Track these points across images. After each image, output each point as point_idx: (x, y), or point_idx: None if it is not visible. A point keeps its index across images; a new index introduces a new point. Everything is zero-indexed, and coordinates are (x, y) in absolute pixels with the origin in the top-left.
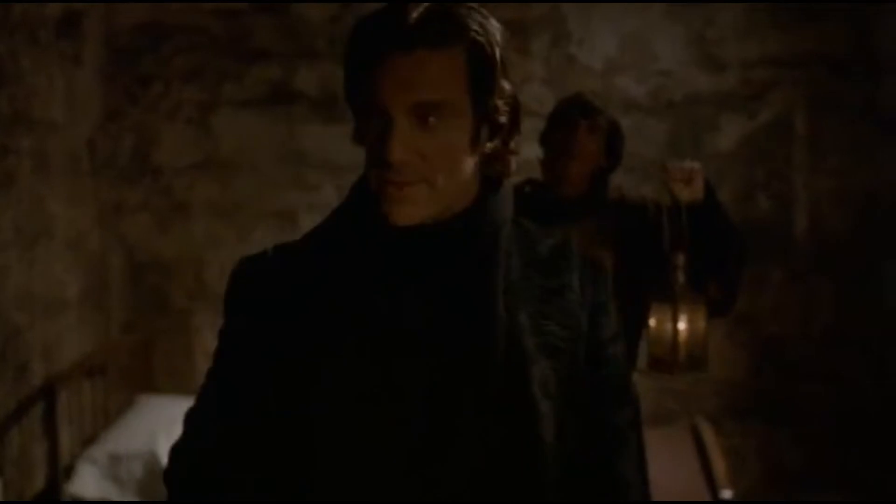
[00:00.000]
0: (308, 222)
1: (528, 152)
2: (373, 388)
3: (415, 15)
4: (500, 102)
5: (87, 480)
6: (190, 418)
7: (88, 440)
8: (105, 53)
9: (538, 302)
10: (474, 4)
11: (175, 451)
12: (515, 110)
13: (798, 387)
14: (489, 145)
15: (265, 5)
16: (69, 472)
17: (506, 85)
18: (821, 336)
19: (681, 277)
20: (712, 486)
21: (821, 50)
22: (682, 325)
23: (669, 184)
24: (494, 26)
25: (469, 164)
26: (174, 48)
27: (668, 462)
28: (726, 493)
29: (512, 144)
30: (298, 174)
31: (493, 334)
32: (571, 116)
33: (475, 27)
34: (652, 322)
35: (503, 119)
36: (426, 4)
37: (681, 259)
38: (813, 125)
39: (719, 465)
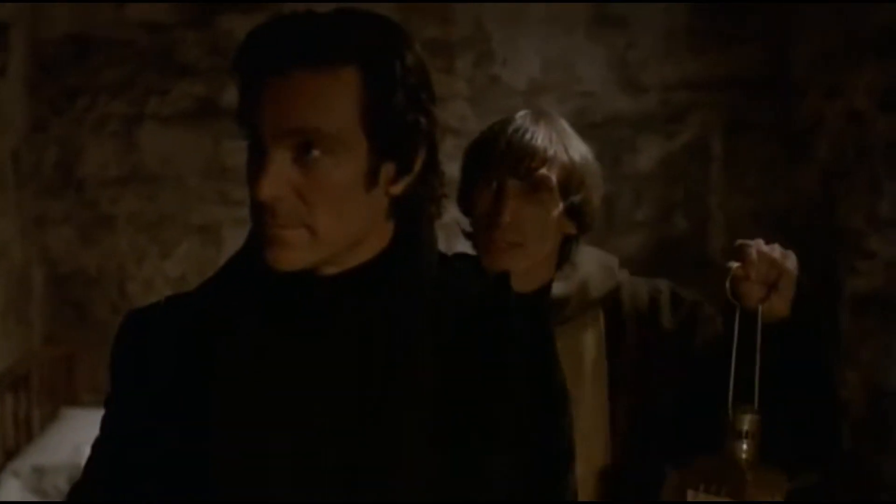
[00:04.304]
0: (232, 237)
1: (450, 171)
2: (277, 461)
3: (295, 29)
4: (405, 133)
5: (10, 493)
6: (75, 495)
7: (11, 453)
8: (31, 65)
9: (469, 368)
10: (378, 14)
11: None
12: (433, 143)
13: None
14: (398, 186)
15: (192, 20)
16: None
17: (419, 116)
18: None
19: (745, 450)
20: None
21: (737, 73)
22: None
23: (739, 283)
24: (401, 41)
25: (366, 207)
26: (101, 61)
27: None
28: None
29: (437, 184)
30: (223, 189)
31: (406, 414)
32: (497, 172)
33: (372, 42)
34: None
35: (415, 153)
36: (312, 15)
37: (749, 421)
38: (729, 146)
39: None
